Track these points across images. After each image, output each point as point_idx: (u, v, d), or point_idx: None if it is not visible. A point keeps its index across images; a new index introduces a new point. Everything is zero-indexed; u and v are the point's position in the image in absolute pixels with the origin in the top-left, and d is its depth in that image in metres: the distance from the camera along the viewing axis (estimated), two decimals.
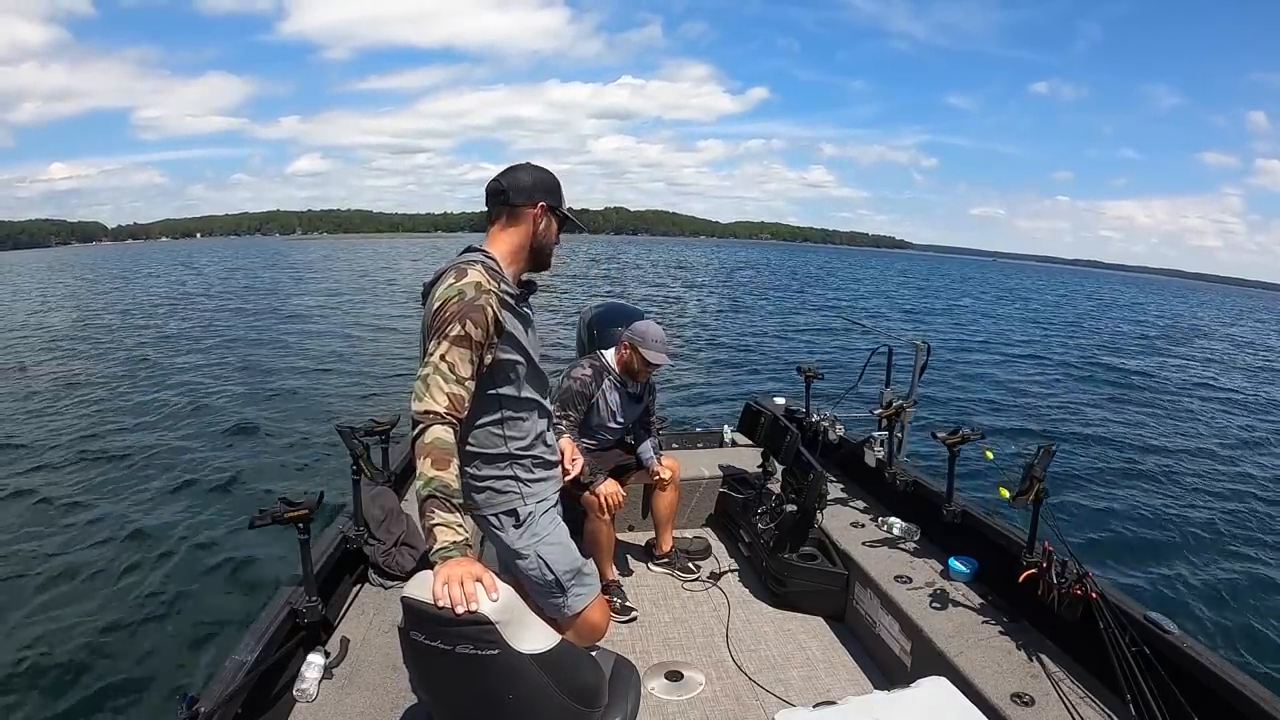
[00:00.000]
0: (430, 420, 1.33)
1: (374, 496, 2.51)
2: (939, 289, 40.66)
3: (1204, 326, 30.65)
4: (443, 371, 1.36)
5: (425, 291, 1.51)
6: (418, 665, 1.38)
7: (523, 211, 1.53)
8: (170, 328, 16.12)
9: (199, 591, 4.17)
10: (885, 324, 18.54)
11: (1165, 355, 17.77)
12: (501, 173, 1.57)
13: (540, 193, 1.54)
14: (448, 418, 1.34)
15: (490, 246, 1.53)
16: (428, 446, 1.31)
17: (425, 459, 1.31)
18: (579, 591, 1.66)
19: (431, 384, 1.35)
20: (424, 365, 1.38)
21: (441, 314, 1.39)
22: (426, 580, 1.30)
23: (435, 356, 1.36)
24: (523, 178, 1.54)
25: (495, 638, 1.22)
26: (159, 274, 36.01)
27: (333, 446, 5.89)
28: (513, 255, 1.54)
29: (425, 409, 1.34)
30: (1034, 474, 1.99)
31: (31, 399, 9.26)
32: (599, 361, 2.62)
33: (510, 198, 1.53)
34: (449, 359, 1.36)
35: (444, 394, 1.35)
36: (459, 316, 1.38)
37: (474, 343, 1.39)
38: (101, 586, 4.26)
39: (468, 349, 1.38)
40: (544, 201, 1.54)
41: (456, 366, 1.37)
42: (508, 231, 1.54)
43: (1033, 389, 11.50)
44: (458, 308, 1.38)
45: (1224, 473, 7.56)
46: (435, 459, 1.31)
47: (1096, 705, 1.75)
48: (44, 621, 3.86)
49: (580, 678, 1.42)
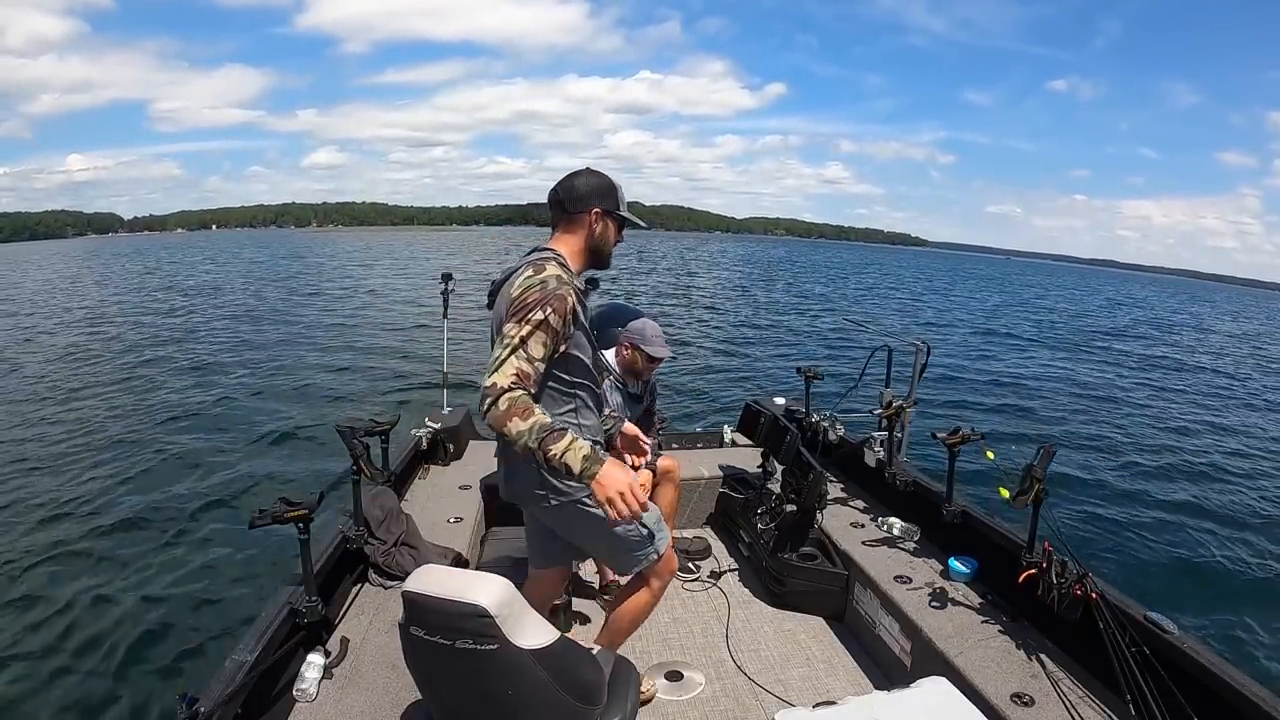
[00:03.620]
0: (497, 393, 1.41)
1: (374, 496, 2.51)
2: (955, 289, 40.12)
3: (1212, 327, 30.48)
4: (518, 351, 1.45)
5: (493, 290, 1.64)
6: (418, 661, 1.38)
7: (579, 217, 1.64)
8: (171, 327, 16.11)
9: (199, 591, 4.17)
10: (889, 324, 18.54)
11: (1167, 355, 17.75)
12: (560, 180, 1.67)
13: (595, 198, 1.64)
14: (514, 388, 1.42)
15: (555, 246, 1.64)
16: (507, 411, 1.40)
17: (512, 418, 1.39)
18: (662, 534, 1.77)
19: (505, 362, 1.44)
20: (501, 345, 1.46)
21: (523, 301, 1.48)
22: (426, 575, 1.31)
23: (514, 337, 1.45)
24: (578, 185, 1.65)
25: (494, 632, 1.23)
26: (157, 269, 35.90)
27: (333, 446, 5.90)
28: (574, 256, 1.65)
29: (493, 383, 1.42)
30: (1034, 474, 1.99)
31: (31, 400, 9.26)
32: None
33: (566, 205, 1.64)
34: (526, 341, 1.46)
35: (513, 370, 1.43)
36: (540, 304, 1.48)
37: (551, 329, 1.48)
38: (101, 586, 4.26)
39: (545, 334, 1.48)
40: (598, 206, 1.64)
41: (531, 348, 1.46)
42: (568, 235, 1.66)
43: (1034, 389, 11.50)
44: (540, 295, 1.48)
45: (1225, 473, 7.56)
46: (520, 413, 1.40)
47: (1096, 705, 1.75)
48: (43, 621, 3.86)
49: (580, 674, 1.42)
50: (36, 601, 4.06)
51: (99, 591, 4.19)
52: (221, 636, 3.62)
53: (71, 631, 3.76)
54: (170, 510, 5.38)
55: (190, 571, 4.44)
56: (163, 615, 3.92)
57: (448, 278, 4.00)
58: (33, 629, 3.79)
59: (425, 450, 3.44)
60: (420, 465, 3.43)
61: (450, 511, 2.96)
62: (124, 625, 3.82)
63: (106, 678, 3.39)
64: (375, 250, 56.63)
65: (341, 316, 17.88)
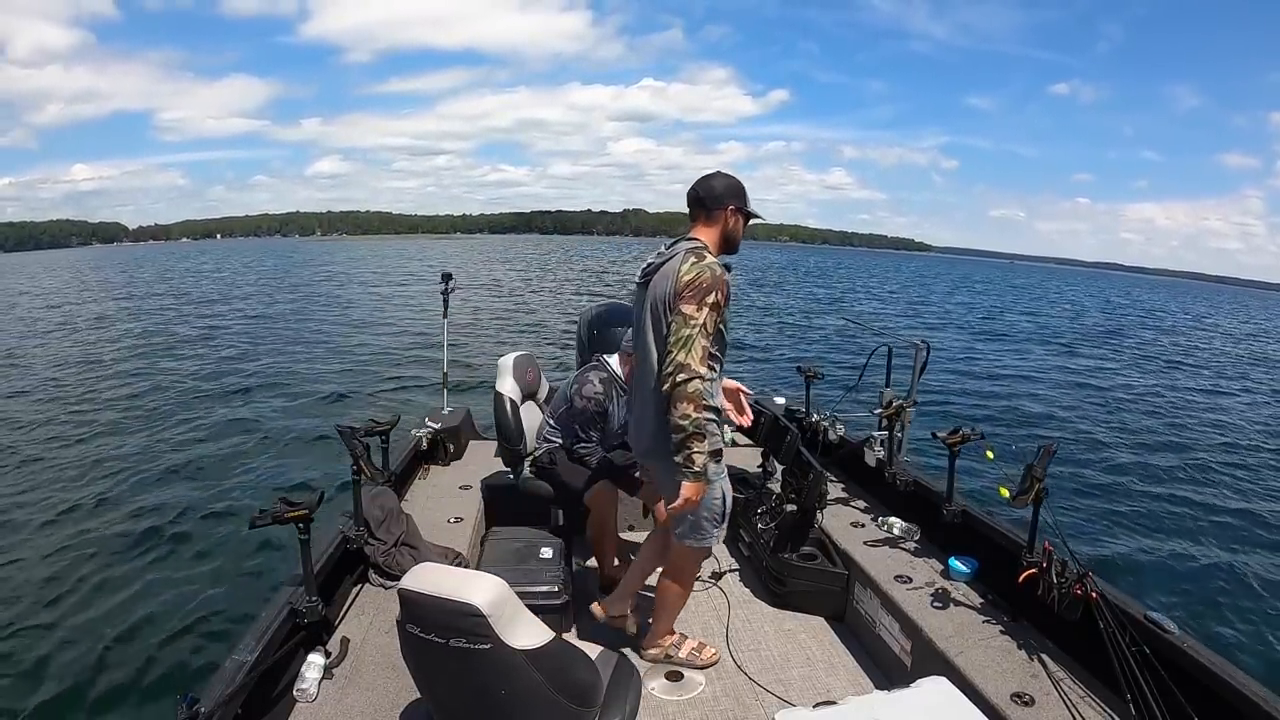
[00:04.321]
0: (691, 374, 1.74)
1: (374, 496, 2.51)
2: (956, 292, 39.90)
3: (1214, 328, 30.33)
4: (702, 330, 1.75)
5: (646, 274, 1.90)
6: (414, 659, 1.38)
7: (717, 213, 1.92)
8: (171, 328, 16.12)
9: (199, 591, 4.17)
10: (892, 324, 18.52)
11: (1168, 355, 17.73)
12: (698, 181, 1.96)
13: (729, 197, 1.93)
14: (703, 373, 1.75)
15: (699, 237, 1.91)
16: (693, 395, 1.74)
17: (692, 403, 1.74)
18: (716, 535, 2.04)
19: (694, 344, 1.75)
20: (685, 326, 1.76)
21: (697, 284, 1.77)
22: (422, 573, 1.31)
23: (698, 318, 1.76)
24: (715, 186, 1.93)
25: (487, 631, 1.23)
26: (170, 277, 35.86)
27: (333, 447, 5.89)
28: (714, 245, 1.92)
29: (687, 363, 1.74)
30: (1034, 474, 1.99)
31: (34, 401, 9.27)
32: (605, 372, 2.59)
33: (706, 203, 1.93)
34: (705, 322, 1.76)
35: (701, 351, 1.75)
36: (712, 288, 1.77)
37: (720, 310, 1.80)
38: (101, 586, 4.26)
39: (716, 314, 1.79)
40: (732, 204, 1.93)
41: (708, 327, 1.77)
42: (707, 228, 1.94)
43: (1034, 389, 11.50)
44: (710, 281, 1.78)
45: (1225, 473, 7.55)
46: (698, 404, 1.76)
47: (1096, 705, 1.75)
48: (44, 621, 3.86)
49: (574, 676, 1.42)
50: (37, 601, 4.06)
51: (99, 591, 4.20)
52: (221, 636, 3.62)
53: (72, 631, 3.76)
54: (171, 510, 5.38)
55: (191, 571, 4.44)
56: (163, 615, 3.92)
57: (448, 278, 4.00)
58: (33, 628, 3.79)
59: (425, 450, 3.44)
60: (420, 465, 3.43)
61: (450, 511, 2.96)
62: (124, 625, 3.82)
63: (107, 677, 3.39)
64: (378, 258, 56.55)
65: (342, 318, 17.90)
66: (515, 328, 15.62)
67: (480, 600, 1.23)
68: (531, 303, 21.54)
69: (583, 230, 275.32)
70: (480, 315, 17.36)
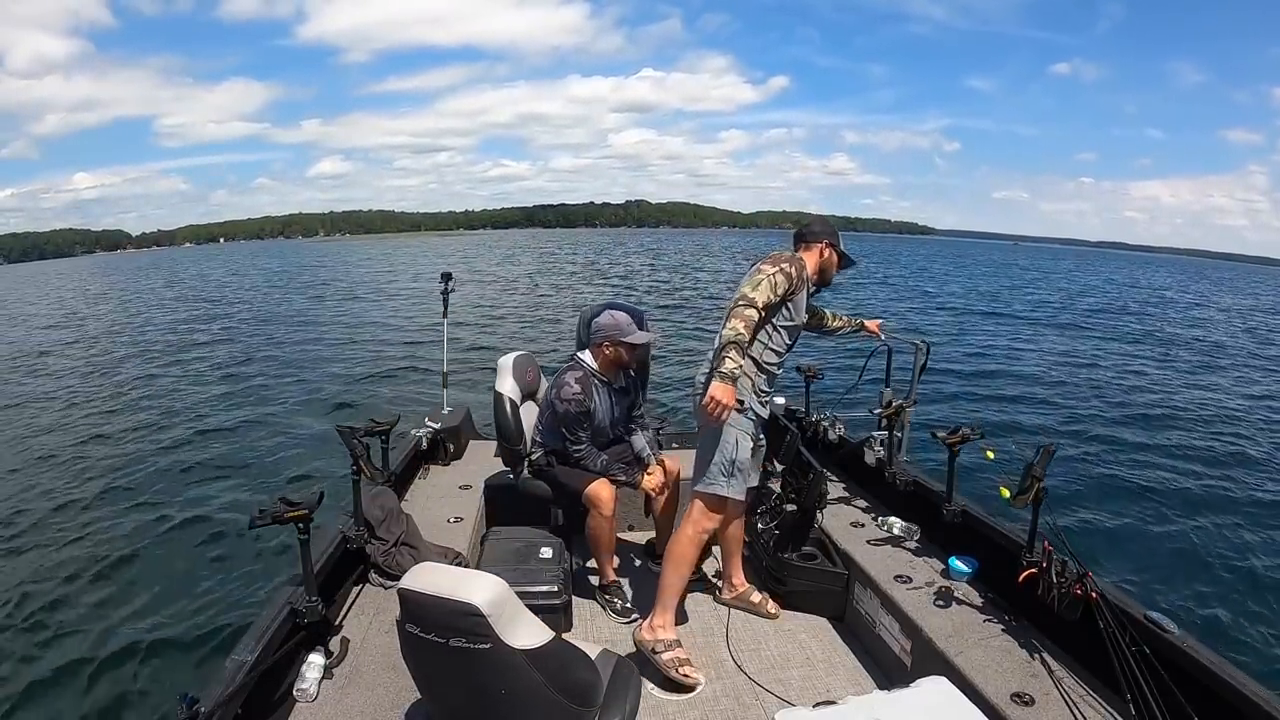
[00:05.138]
0: (748, 302, 2.08)
1: (374, 496, 2.51)
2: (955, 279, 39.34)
3: (1220, 310, 29.69)
4: (771, 284, 2.13)
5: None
6: (414, 659, 1.38)
7: (814, 245, 2.36)
8: (171, 329, 16.12)
9: (199, 592, 4.17)
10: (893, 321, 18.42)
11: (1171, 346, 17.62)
12: (804, 224, 2.43)
13: (825, 235, 2.37)
14: (759, 305, 2.09)
15: (802, 256, 2.33)
16: (744, 315, 2.06)
17: (739, 321, 2.05)
18: (736, 485, 2.26)
19: (763, 286, 2.11)
20: (759, 274, 2.14)
21: (778, 256, 2.21)
22: (422, 573, 1.31)
23: (770, 271, 2.14)
24: (815, 227, 2.40)
25: (487, 631, 1.23)
26: (176, 281, 35.80)
27: (333, 447, 5.90)
28: (812, 269, 2.33)
29: (752, 297, 2.09)
30: (1034, 473, 1.98)
31: (36, 403, 9.27)
32: (580, 369, 2.59)
33: (806, 238, 2.37)
34: (776, 278, 2.14)
35: (766, 295, 2.11)
36: (790, 262, 2.18)
37: (791, 281, 2.16)
38: (101, 586, 4.26)
39: (787, 282, 2.16)
40: (827, 241, 2.37)
41: (777, 283, 2.14)
42: (807, 255, 2.35)
43: (1035, 389, 11.48)
44: (789, 259, 2.21)
45: (1226, 472, 7.54)
46: (744, 321, 2.06)
47: (1096, 705, 1.75)
48: (44, 621, 3.87)
49: (573, 675, 1.42)
50: (37, 601, 4.06)
51: (99, 591, 4.20)
52: (221, 636, 3.62)
53: (72, 631, 3.77)
54: (171, 510, 5.39)
55: (191, 571, 4.44)
56: (163, 615, 3.92)
57: (447, 278, 4.00)
58: (33, 628, 3.79)
59: (425, 450, 3.44)
60: (420, 465, 3.43)
61: (450, 511, 2.96)
62: (124, 625, 3.82)
63: (107, 677, 3.39)
64: (385, 257, 56.40)
65: (343, 319, 17.89)
66: (515, 327, 15.62)
67: (480, 600, 1.23)
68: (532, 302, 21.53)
69: (585, 223, 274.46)
70: (481, 314, 17.35)
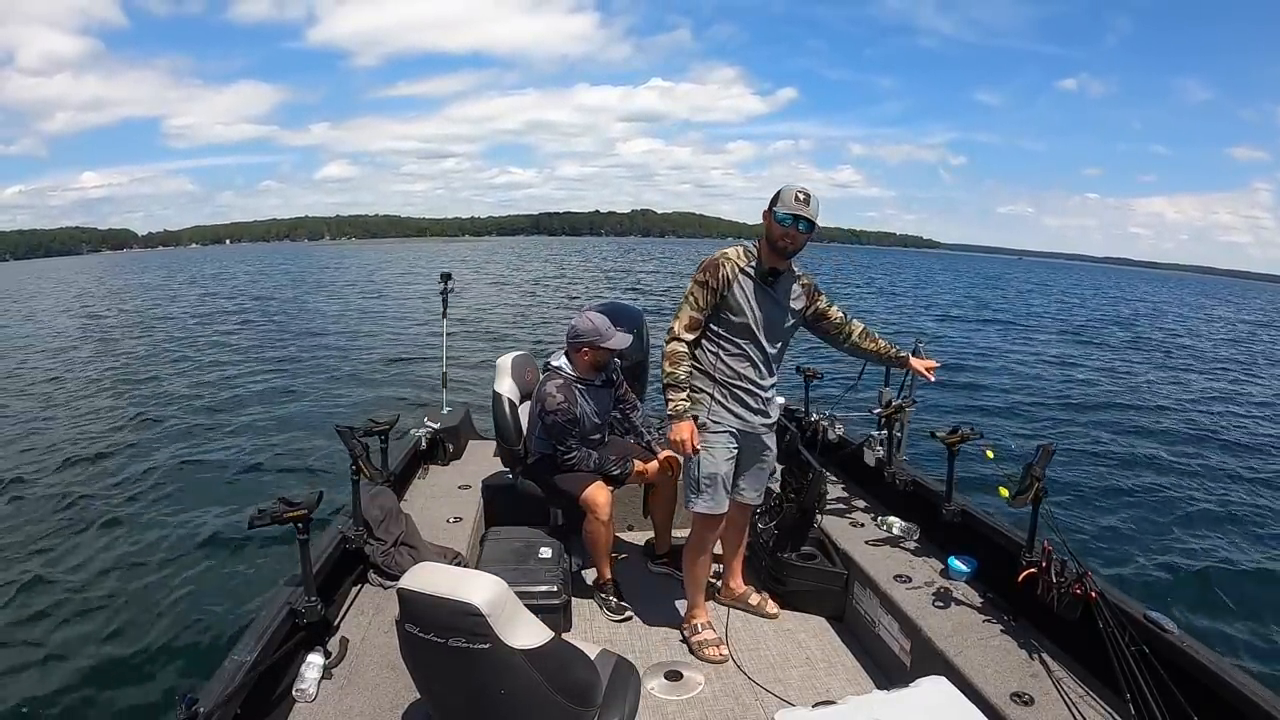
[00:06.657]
0: (670, 339, 2.15)
1: (373, 496, 2.50)
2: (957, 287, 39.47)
3: (1218, 323, 29.94)
4: (688, 301, 2.16)
5: None
6: (413, 658, 1.38)
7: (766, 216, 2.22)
8: (170, 329, 16.12)
9: (199, 591, 4.17)
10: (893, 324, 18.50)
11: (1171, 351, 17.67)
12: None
13: (769, 205, 2.23)
14: (679, 339, 2.15)
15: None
16: (668, 354, 2.13)
17: (665, 361, 2.14)
18: (703, 496, 2.27)
19: (681, 308, 2.17)
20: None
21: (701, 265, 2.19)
22: (421, 572, 1.30)
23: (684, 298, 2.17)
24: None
25: (486, 631, 1.23)
26: (192, 283, 35.70)
27: (332, 446, 5.89)
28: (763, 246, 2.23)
29: (670, 330, 2.17)
30: (1034, 473, 1.99)
31: (32, 403, 9.26)
32: (559, 378, 2.57)
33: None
34: (692, 292, 2.15)
35: (686, 319, 2.15)
36: (703, 268, 2.15)
37: (704, 286, 2.14)
38: (101, 586, 4.26)
39: (702, 290, 2.14)
40: (767, 208, 2.24)
41: (695, 298, 2.15)
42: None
43: (1035, 389, 11.49)
44: (705, 262, 2.17)
45: (1226, 472, 7.54)
46: (672, 360, 2.13)
47: (1096, 705, 1.75)
48: (44, 621, 3.86)
49: (573, 675, 1.42)
50: (37, 601, 4.06)
51: (99, 590, 4.20)
52: (221, 636, 3.62)
53: (72, 631, 3.76)
54: (170, 510, 5.38)
55: (190, 571, 4.44)
56: (162, 615, 3.92)
57: (447, 278, 4.00)
58: (33, 628, 3.79)
59: (425, 450, 3.44)
60: (420, 465, 3.43)
61: (450, 511, 2.95)
62: (124, 625, 3.82)
63: (106, 677, 3.39)
64: (388, 262, 56.37)
65: (343, 319, 17.89)
66: (515, 327, 15.62)
67: (479, 600, 1.23)
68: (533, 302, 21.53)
69: (591, 231, 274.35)
70: (481, 314, 17.35)
